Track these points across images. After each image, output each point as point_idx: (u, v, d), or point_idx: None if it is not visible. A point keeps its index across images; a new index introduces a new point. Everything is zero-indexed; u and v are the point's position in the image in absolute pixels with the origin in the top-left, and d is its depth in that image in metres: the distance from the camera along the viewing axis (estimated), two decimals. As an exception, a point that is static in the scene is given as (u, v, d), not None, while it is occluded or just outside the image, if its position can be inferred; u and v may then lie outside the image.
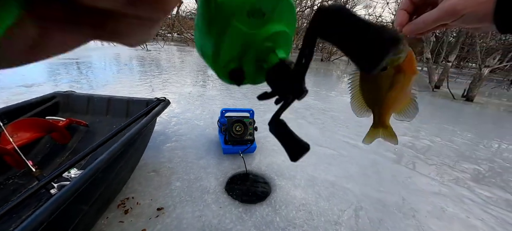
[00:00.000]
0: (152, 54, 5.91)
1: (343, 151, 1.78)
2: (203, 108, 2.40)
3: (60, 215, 0.59)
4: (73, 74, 3.24)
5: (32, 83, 2.61)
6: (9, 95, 2.18)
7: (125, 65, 4.28)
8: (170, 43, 9.21)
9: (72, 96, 1.46)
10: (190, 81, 3.53)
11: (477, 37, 4.40)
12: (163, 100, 1.38)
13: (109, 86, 2.85)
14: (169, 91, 2.87)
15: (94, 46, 6.51)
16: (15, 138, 1.06)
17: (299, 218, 1.09)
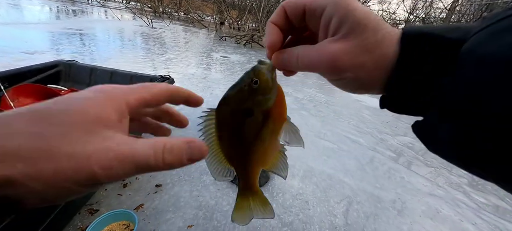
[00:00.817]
0: (157, 32, 5.79)
1: (343, 146, 1.78)
2: (207, 90, 2.37)
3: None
4: (76, 45, 3.18)
5: (34, 50, 2.57)
6: (10, 60, 2.15)
7: (129, 41, 4.20)
8: (176, 22, 9.01)
9: (74, 66, 1.44)
10: (195, 63, 3.47)
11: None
12: (168, 78, 1.36)
13: (112, 60, 2.82)
14: (173, 71, 2.84)
15: (97, 18, 6.37)
16: (16, 103, 1.06)
17: (295, 206, 1.11)
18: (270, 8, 9.04)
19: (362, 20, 0.17)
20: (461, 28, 0.16)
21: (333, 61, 0.18)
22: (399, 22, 16.81)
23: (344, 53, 0.18)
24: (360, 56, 0.17)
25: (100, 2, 11.01)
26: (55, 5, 7.11)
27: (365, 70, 0.18)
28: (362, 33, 0.17)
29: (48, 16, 5.30)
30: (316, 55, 0.19)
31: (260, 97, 0.24)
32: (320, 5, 0.18)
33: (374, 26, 0.17)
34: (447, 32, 0.16)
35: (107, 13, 7.92)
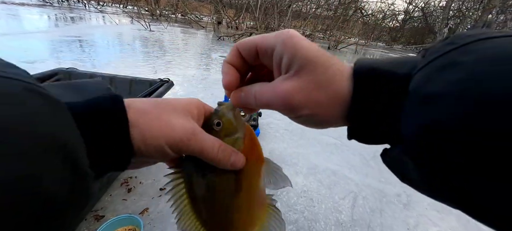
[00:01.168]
0: (155, 35, 5.79)
1: (346, 141, 1.76)
2: (207, 91, 2.37)
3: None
4: (76, 52, 3.19)
5: (35, 59, 2.58)
6: (12, 70, 2.17)
7: (128, 45, 4.21)
8: (173, 24, 9.00)
9: (74, 73, 1.44)
10: (194, 64, 3.47)
11: (494, 30, 4.22)
12: (167, 81, 1.36)
13: (111, 65, 2.82)
14: (172, 73, 2.84)
15: (96, 24, 6.39)
16: (18, 113, 1.06)
17: (300, 204, 1.10)
18: (268, 5, 9.00)
19: (311, 57, 0.18)
20: (408, 62, 0.16)
21: (287, 98, 0.18)
22: (398, 12, 16.65)
23: (297, 91, 0.18)
24: (314, 92, 0.18)
25: (97, 8, 11.03)
26: (53, 13, 7.14)
27: (321, 107, 0.18)
28: (313, 71, 0.18)
29: (47, 24, 5.32)
30: (272, 93, 0.19)
31: (226, 139, 0.22)
32: (269, 45, 0.19)
33: (323, 63, 0.18)
34: (395, 67, 0.16)
35: (105, 18, 7.93)
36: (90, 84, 0.18)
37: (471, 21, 6.65)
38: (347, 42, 10.39)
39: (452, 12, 9.71)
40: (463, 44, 0.13)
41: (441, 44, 0.14)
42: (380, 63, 0.17)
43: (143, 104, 0.19)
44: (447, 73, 0.12)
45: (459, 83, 0.12)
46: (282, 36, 0.18)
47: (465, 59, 0.12)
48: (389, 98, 0.16)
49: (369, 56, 8.77)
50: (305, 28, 13.35)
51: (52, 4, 9.98)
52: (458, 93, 0.12)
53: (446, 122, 0.12)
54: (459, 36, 0.14)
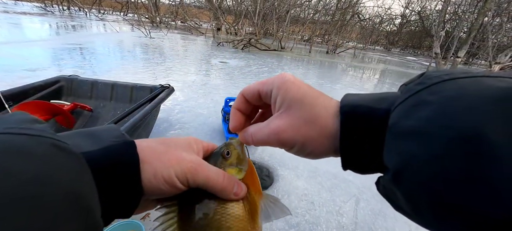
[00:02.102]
0: (155, 42, 5.85)
1: (346, 144, 1.78)
2: (207, 97, 2.39)
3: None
4: (77, 59, 3.23)
5: (36, 67, 2.61)
6: (14, 78, 2.19)
7: (128, 52, 4.25)
8: (173, 31, 9.10)
9: (76, 81, 1.46)
10: (194, 70, 3.50)
11: (490, 32, 4.26)
12: (167, 87, 1.37)
13: (112, 72, 2.85)
14: (172, 79, 2.86)
15: (97, 32, 6.46)
16: (21, 120, 1.07)
17: (301, 207, 1.10)
18: (266, 11, 9.13)
19: (299, 97, 0.20)
20: (388, 98, 0.18)
21: (278, 134, 0.20)
22: (395, 16, 16.84)
23: (287, 127, 0.20)
24: (302, 128, 0.20)
25: (98, 16, 11.17)
26: (54, 22, 7.23)
27: (311, 141, 0.20)
28: (301, 108, 0.20)
29: (49, 32, 5.38)
30: (265, 131, 0.21)
31: (231, 168, 0.24)
32: (268, 89, 0.22)
33: (310, 101, 0.20)
34: (377, 103, 0.18)
35: (105, 26, 8.02)
36: (104, 132, 0.20)
37: (467, 24, 6.73)
38: (345, 46, 10.49)
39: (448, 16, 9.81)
40: (431, 85, 0.15)
41: (414, 84, 0.16)
42: (364, 99, 0.19)
43: (151, 143, 0.22)
44: (419, 110, 0.14)
45: (427, 120, 0.13)
46: (277, 80, 0.22)
47: (431, 99, 0.14)
48: (372, 133, 0.17)
49: (367, 60, 8.83)
50: (304, 33, 13.51)
51: (53, 12, 10.12)
52: (427, 130, 0.13)
53: (419, 156, 0.13)
54: (428, 77, 0.16)
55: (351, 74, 5.17)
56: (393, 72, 6.31)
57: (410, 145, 0.13)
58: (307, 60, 6.34)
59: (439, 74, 0.15)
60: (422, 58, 14.08)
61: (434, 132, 0.12)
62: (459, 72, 0.15)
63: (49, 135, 0.15)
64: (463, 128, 0.12)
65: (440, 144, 0.12)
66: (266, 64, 4.78)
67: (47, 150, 0.14)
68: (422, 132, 0.13)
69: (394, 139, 0.15)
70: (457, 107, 0.12)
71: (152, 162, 0.20)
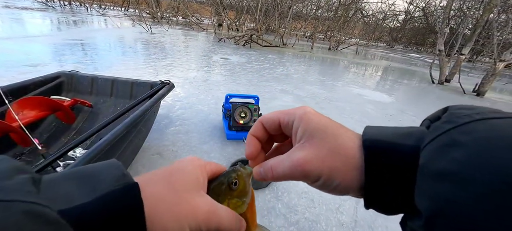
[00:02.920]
0: (156, 37, 5.83)
1: (348, 142, 1.76)
2: (208, 93, 2.38)
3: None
4: (78, 55, 3.22)
5: (38, 63, 2.61)
6: (14, 74, 2.19)
7: (129, 48, 4.24)
8: (174, 27, 9.05)
9: (76, 76, 1.45)
10: (195, 66, 3.49)
11: (495, 29, 4.19)
12: (168, 83, 1.36)
13: (113, 68, 2.84)
14: (173, 75, 2.85)
15: (98, 27, 6.44)
16: (21, 115, 1.07)
17: (301, 205, 1.10)
18: (268, 7, 9.04)
19: (321, 126, 0.20)
20: (413, 134, 0.17)
21: (302, 165, 0.19)
22: (399, 13, 16.61)
23: (312, 157, 0.19)
24: (327, 158, 0.19)
25: (99, 11, 11.13)
26: (55, 17, 7.21)
27: (337, 172, 0.19)
28: (324, 138, 0.19)
29: (50, 28, 5.37)
30: (287, 164, 0.20)
31: (235, 199, 0.24)
32: (290, 119, 0.22)
33: (333, 131, 0.20)
34: (403, 139, 0.17)
35: (106, 21, 8.00)
36: (104, 171, 0.17)
37: (472, 20, 6.62)
38: (348, 43, 10.37)
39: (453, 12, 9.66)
40: (462, 124, 0.14)
41: (441, 122, 0.15)
42: (386, 135, 0.18)
43: (158, 186, 0.19)
44: (452, 151, 0.13)
45: (462, 162, 0.12)
46: (299, 112, 0.21)
47: (464, 139, 0.13)
48: (401, 171, 0.16)
49: (370, 56, 8.75)
50: (306, 29, 13.38)
51: (54, 7, 10.09)
52: (462, 172, 0.12)
53: (456, 201, 0.12)
54: (456, 115, 0.15)
55: (354, 71, 5.13)
56: (396, 69, 6.25)
57: (446, 189, 0.13)
58: (309, 57, 6.30)
59: (469, 112, 0.15)
60: (426, 55, 13.92)
61: (470, 175, 0.12)
62: (489, 111, 0.14)
63: (23, 199, 0.12)
64: (501, 171, 0.11)
65: (477, 188, 0.11)
66: (267, 60, 4.75)
67: (17, 222, 0.11)
68: (458, 175, 0.12)
69: (427, 181, 0.14)
70: (494, 150, 0.12)
71: (161, 216, 0.17)
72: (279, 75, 3.61)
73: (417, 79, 5.29)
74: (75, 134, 1.31)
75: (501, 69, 4.14)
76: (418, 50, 17.31)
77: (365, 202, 0.19)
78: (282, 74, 3.71)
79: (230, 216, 0.21)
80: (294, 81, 3.41)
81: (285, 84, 3.13)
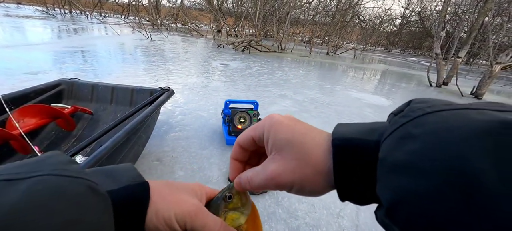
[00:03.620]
0: (156, 44, 5.88)
1: (347, 146, 1.77)
2: (207, 99, 2.39)
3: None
4: (78, 62, 3.24)
5: (38, 70, 2.62)
6: (15, 82, 2.20)
7: (129, 55, 4.27)
8: (174, 33, 9.14)
9: (76, 84, 1.46)
10: (195, 72, 3.51)
11: (490, 32, 4.25)
12: (167, 89, 1.37)
13: (113, 75, 2.86)
14: (173, 82, 2.87)
15: (98, 35, 6.50)
16: (21, 123, 1.07)
17: (301, 210, 1.10)
18: (266, 13, 9.15)
19: (288, 136, 0.20)
20: (377, 130, 0.18)
21: (274, 178, 0.20)
22: (395, 17, 16.83)
23: (282, 169, 0.20)
24: (297, 169, 0.19)
25: (99, 19, 11.25)
26: (56, 25, 7.28)
27: (307, 180, 0.19)
28: (291, 148, 0.20)
29: (50, 36, 5.42)
30: (262, 176, 0.21)
31: (231, 212, 0.25)
32: (260, 133, 0.22)
33: (299, 139, 0.20)
34: (367, 135, 0.18)
35: (106, 29, 8.07)
36: (123, 171, 0.22)
37: (468, 24, 6.71)
38: (345, 47, 10.48)
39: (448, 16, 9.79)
40: (415, 117, 0.15)
41: (399, 116, 0.16)
42: (355, 131, 0.19)
43: (159, 184, 0.23)
44: (406, 144, 0.14)
45: (414, 154, 0.13)
46: (266, 123, 0.22)
47: (416, 132, 0.14)
48: (365, 166, 0.17)
49: (367, 60, 8.82)
50: (304, 35, 13.52)
51: (55, 15, 10.19)
52: (415, 164, 0.13)
53: (410, 190, 0.13)
54: (412, 109, 0.16)
55: (352, 75, 5.17)
56: (393, 73, 6.29)
57: (401, 180, 0.13)
58: (308, 61, 6.35)
59: (422, 106, 0.15)
60: (423, 58, 14.04)
61: (421, 166, 0.13)
62: (441, 103, 0.15)
63: (86, 177, 0.17)
64: (447, 162, 0.12)
65: (428, 177, 0.12)
66: (266, 65, 4.78)
67: (84, 192, 0.16)
68: (411, 166, 0.13)
69: (385, 173, 0.15)
70: (441, 141, 0.13)
71: (156, 202, 0.21)
72: (278, 80, 3.63)
73: (415, 82, 5.33)
74: (75, 141, 1.31)
75: (498, 71, 4.18)
76: (415, 54, 17.47)
77: (339, 197, 0.19)
78: (281, 79, 3.74)
79: (217, 223, 0.23)
80: (293, 85, 3.43)
81: (284, 89, 3.15)
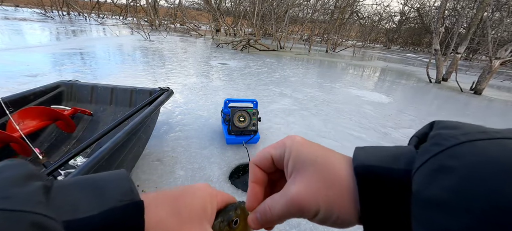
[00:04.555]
0: (155, 45, 5.87)
1: (347, 143, 1.77)
2: (207, 98, 2.39)
3: (67, 200, 0.60)
4: (77, 64, 3.24)
5: (37, 73, 2.62)
6: (14, 84, 2.20)
7: (128, 56, 4.27)
8: (172, 34, 9.12)
9: (76, 85, 1.47)
10: (194, 72, 3.51)
11: (489, 27, 4.24)
12: (167, 90, 1.37)
13: (112, 76, 2.86)
14: (172, 82, 2.87)
15: (96, 36, 6.49)
16: (22, 126, 1.08)
17: (301, 207, 1.10)
18: (265, 12, 9.14)
19: (311, 156, 0.19)
20: (402, 156, 0.17)
21: (297, 201, 0.18)
22: (394, 14, 16.79)
23: (306, 191, 0.18)
24: (322, 190, 0.18)
25: (98, 20, 11.22)
26: (54, 27, 7.27)
27: (334, 203, 0.18)
28: (315, 169, 0.18)
29: (49, 38, 5.41)
30: (282, 202, 0.19)
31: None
32: (280, 152, 0.21)
33: (324, 160, 0.19)
34: (392, 162, 0.16)
35: (105, 30, 8.06)
36: (112, 183, 0.18)
37: (466, 19, 6.70)
38: (345, 45, 10.47)
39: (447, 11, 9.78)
40: (449, 147, 0.14)
41: (429, 144, 0.15)
42: (376, 158, 0.17)
43: (161, 210, 0.19)
44: (442, 178, 0.13)
45: (453, 190, 0.12)
46: (288, 142, 0.20)
47: (452, 164, 0.13)
48: (395, 198, 0.16)
49: (367, 58, 8.82)
50: (303, 33, 13.50)
51: (53, 18, 10.18)
52: (453, 201, 0.12)
53: (449, 230, 0.12)
54: (443, 136, 0.15)
55: (351, 73, 5.16)
56: (393, 70, 6.29)
57: (438, 218, 0.12)
58: (307, 60, 6.34)
59: (454, 133, 0.14)
60: (422, 54, 14.03)
61: (461, 204, 0.12)
62: (475, 130, 0.14)
63: (32, 210, 0.13)
64: (490, 201, 0.11)
65: (467, 216, 0.11)
66: (265, 64, 4.78)
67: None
68: (449, 204, 0.12)
69: (420, 209, 0.14)
70: (481, 177, 0.12)
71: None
72: (277, 79, 3.63)
73: (415, 79, 5.33)
74: (75, 142, 1.31)
75: (497, 66, 4.18)
76: (414, 50, 17.46)
77: (364, 228, 0.18)
78: (280, 78, 3.74)
79: None
80: (292, 84, 3.43)
81: (283, 88, 3.15)
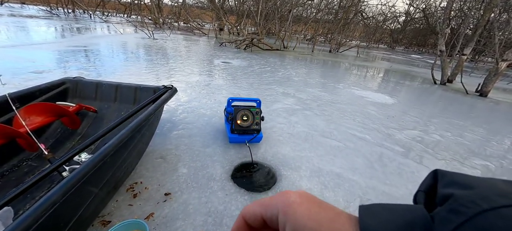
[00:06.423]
0: (158, 43, 5.90)
1: (350, 143, 1.76)
2: (210, 97, 2.40)
3: (71, 196, 0.61)
4: (82, 61, 3.27)
5: (42, 69, 2.65)
6: (20, 80, 2.23)
7: (132, 53, 4.30)
8: (176, 32, 9.15)
9: (81, 82, 1.48)
10: (197, 70, 3.52)
11: (496, 29, 4.17)
12: (171, 87, 1.38)
13: (117, 74, 2.88)
14: (175, 80, 2.88)
15: (101, 34, 6.54)
16: (28, 121, 1.09)
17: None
18: (268, 11, 9.11)
19: (312, 225, 0.17)
20: (414, 225, 0.15)
21: None
22: (399, 14, 16.61)
23: None
24: None
25: (102, 18, 11.30)
26: (60, 24, 7.34)
27: None
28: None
29: (54, 35, 5.47)
30: None
31: None
32: (273, 213, 0.19)
33: (328, 228, 0.17)
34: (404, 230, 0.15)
35: (109, 28, 8.11)
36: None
37: (473, 20, 6.60)
38: (348, 45, 10.40)
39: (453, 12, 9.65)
40: (471, 217, 0.12)
41: (446, 211, 0.13)
42: (388, 224, 0.15)
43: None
44: None
45: None
46: (280, 203, 0.18)
47: None
48: None
49: (371, 58, 8.75)
50: (306, 32, 13.45)
51: (58, 15, 10.28)
52: None
53: None
54: (462, 203, 0.13)
55: (355, 73, 5.13)
56: (397, 70, 6.23)
57: None
58: (310, 59, 6.31)
59: (472, 196, 0.13)
60: (427, 55, 13.88)
61: None
62: (496, 194, 0.13)
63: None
64: None
65: None
66: (268, 63, 4.77)
67: None
68: None
69: None
70: None
71: None
72: (280, 78, 3.62)
73: (419, 80, 5.27)
74: (80, 139, 1.33)
75: (504, 68, 4.12)
76: (419, 51, 17.28)
77: None
78: (284, 77, 3.73)
79: None
80: (295, 84, 3.42)
81: (286, 87, 3.14)
